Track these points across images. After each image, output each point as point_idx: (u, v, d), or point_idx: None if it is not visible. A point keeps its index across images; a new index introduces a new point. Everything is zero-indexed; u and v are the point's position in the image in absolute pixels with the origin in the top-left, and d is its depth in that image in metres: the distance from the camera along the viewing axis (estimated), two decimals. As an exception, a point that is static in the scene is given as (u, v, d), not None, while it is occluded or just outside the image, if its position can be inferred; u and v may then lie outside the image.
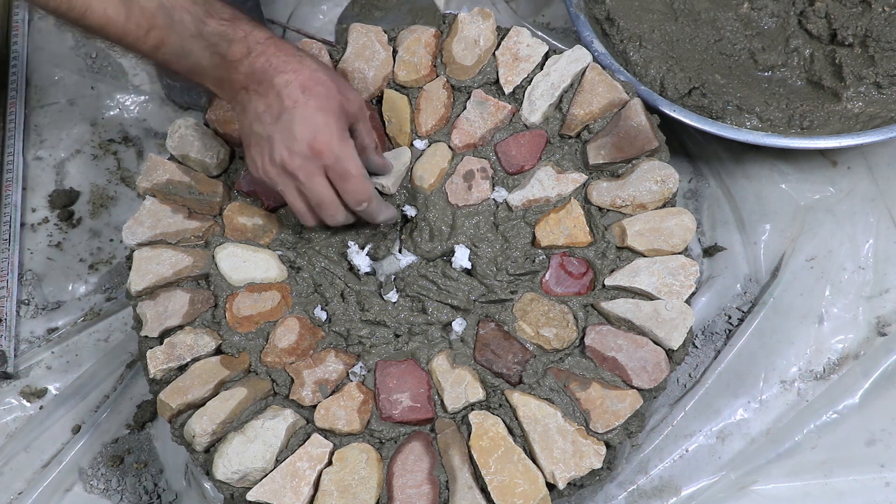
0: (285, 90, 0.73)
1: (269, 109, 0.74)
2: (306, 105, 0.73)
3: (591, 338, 0.76)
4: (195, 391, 0.76)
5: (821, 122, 0.89)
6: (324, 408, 0.75)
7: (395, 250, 0.85)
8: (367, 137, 0.79)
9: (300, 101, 0.73)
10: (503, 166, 0.85)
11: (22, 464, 0.90)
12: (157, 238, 0.83)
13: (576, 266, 0.80)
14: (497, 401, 0.75)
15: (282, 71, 0.73)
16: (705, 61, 0.95)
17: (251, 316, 0.80)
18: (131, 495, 0.87)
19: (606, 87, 0.85)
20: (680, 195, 0.97)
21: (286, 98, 0.73)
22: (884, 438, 0.83)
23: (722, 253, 0.93)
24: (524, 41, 0.88)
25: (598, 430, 0.73)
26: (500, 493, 0.70)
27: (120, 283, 0.99)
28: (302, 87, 0.73)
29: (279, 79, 0.73)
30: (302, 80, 0.73)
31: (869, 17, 0.92)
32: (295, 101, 0.73)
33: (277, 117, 0.74)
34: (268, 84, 0.73)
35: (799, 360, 0.87)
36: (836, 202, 0.93)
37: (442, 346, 0.78)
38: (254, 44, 0.74)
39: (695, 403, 0.85)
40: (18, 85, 1.10)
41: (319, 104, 0.73)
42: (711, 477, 0.83)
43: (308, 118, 0.73)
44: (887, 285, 0.89)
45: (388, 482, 0.72)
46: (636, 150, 0.82)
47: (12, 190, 1.03)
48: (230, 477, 0.72)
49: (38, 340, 0.96)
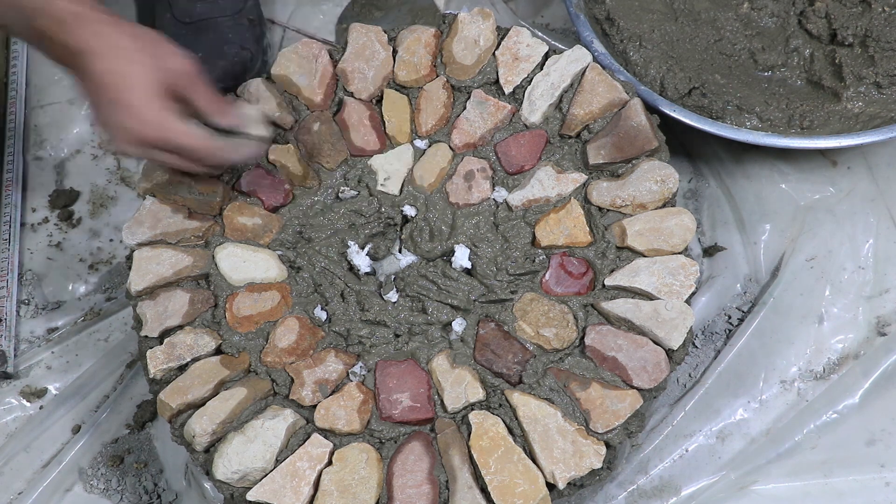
0: (94, 73, 0.71)
1: (92, 95, 0.73)
2: (115, 88, 0.71)
3: (591, 338, 0.76)
4: (195, 391, 0.76)
5: (821, 122, 0.89)
6: (324, 408, 0.75)
7: (395, 250, 0.85)
8: (203, 101, 0.76)
9: (109, 83, 0.71)
10: (503, 166, 0.85)
11: (22, 464, 0.90)
12: (157, 238, 0.83)
13: (576, 266, 0.80)
14: (497, 401, 0.75)
15: (87, 51, 0.71)
16: (705, 61, 0.95)
17: (251, 316, 0.80)
18: (131, 495, 0.87)
19: (606, 87, 0.85)
20: (680, 195, 0.97)
21: (98, 80, 0.71)
22: (884, 438, 0.83)
23: (722, 253, 0.93)
24: (524, 41, 0.88)
25: (598, 430, 0.73)
26: (500, 493, 0.70)
27: (120, 283, 0.99)
28: (107, 69, 0.71)
29: (86, 60, 0.71)
30: (106, 62, 0.71)
31: (869, 17, 0.92)
32: (105, 83, 0.71)
33: (98, 105, 0.73)
34: (79, 64, 0.72)
35: (799, 360, 0.87)
36: (836, 202, 0.93)
37: (442, 346, 0.78)
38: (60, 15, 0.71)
39: (695, 403, 0.85)
40: (18, 85, 1.10)
41: (128, 80, 0.71)
42: (711, 477, 0.83)
43: (120, 102, 0.71)
44: (887, 285, 0.89)
45: (388, 482, 0.72)
46: (636, 150, 0.82)
47: (12, 190, 1.03)
48: (230, 477, 0.72)
49: (38, 340, 0.96)
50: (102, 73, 0.71)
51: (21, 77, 1.11)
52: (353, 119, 0.89)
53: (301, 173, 0.87)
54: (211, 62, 0.98)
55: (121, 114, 0.72)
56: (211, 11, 1.01)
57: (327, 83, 0.90)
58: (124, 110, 0.72)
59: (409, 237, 0.85)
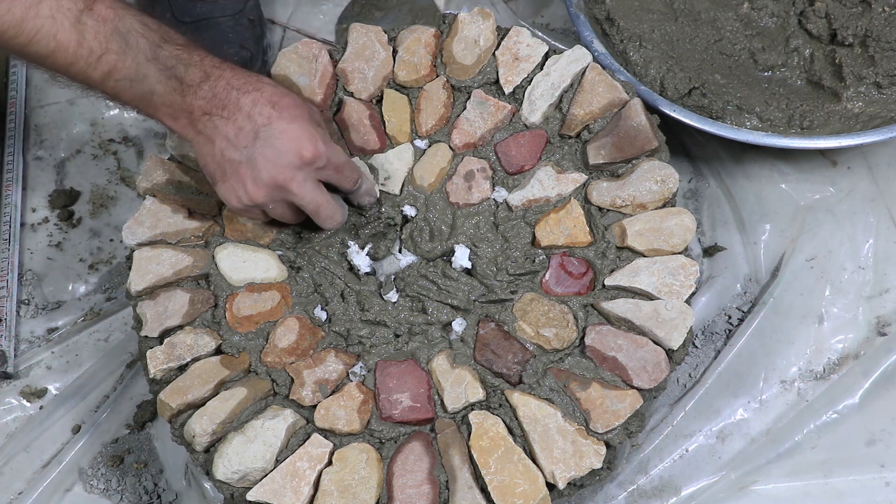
0: (255, 109, 0.72)
1: (241, 131, 0.72)
2: (280, 118, 0.72)
3: (591, 338, 0.76)
4: (195, 391, 0.76)
5: (821, 122, 0.89)
6: (324, 408, 0.75)
7: (395, 250, 0.85)
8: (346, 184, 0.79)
9: (273, 116, 0.72)
10: (503, 166, 0.85)
11: (22, 464, 0.90)
12: (157, 238, 0.83)
13: (576, 266, 0.80)
14: (497, 401, 0.75)
15: (246, 91, 0.72)
16: (705, 61, 0.95)
17: (251, 316, 0.80)
18: (131, 495, 0.87)
19: (606, 87, 0.85)
20: (680, 195, 0.97)
21: (258, 116, 0.72)
22: (884, 438, 0.83)
23: (722, 253, 0.93)
24: (524, 41, 0.88)
25: (598, 430, 0.73)
26: (500, 493, 0.70)
27: (120, 283, 0.99)
28: (270, 102, 0.72)
29: (245, 99, 0.72)
30: (268, 96, 0.72)
31: (869, 17, 0.92)
32: (268, 117, 0.72)
33: (254, 137, 0.72)
34: (234, 107, 0.72)
35: (799, 360, 0.87)
36: (836, 202, 0.93)
37: (442, 346, 0.78)
38: (210, 68, 0.72)
39: (695, 403, 0.85)
40: (18, 85, 1.10)
41: (292, 114, 0.73)
42: (711, 477, 0.83)
43: (287, 130, 0.72)
44: (887, 285, 0.89)
45: (388, 482, 0.72)
46: (636, 150, 0.82)
47: (12, 190, 1.03)
48: (230, 477, 0.72)
49: (38, 340, 0.96)
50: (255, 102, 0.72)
51: (21, 77, 1.11)
52: (353, 119, 0.89)
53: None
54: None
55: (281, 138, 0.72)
56: (211, 11, 1.01)
57: (327, 83, 0.90)
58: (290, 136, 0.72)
59: (409, 237, 0.85)
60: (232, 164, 0.73)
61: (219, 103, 0.72)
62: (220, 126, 0.72)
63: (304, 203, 0.75)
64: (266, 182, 0.73)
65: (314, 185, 0.75)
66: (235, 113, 0.72)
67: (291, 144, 0.72)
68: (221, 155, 0.73)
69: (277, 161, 0.72)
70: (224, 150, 0.73)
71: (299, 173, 0.73)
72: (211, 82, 0.72)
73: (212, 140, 0.73)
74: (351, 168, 0.78)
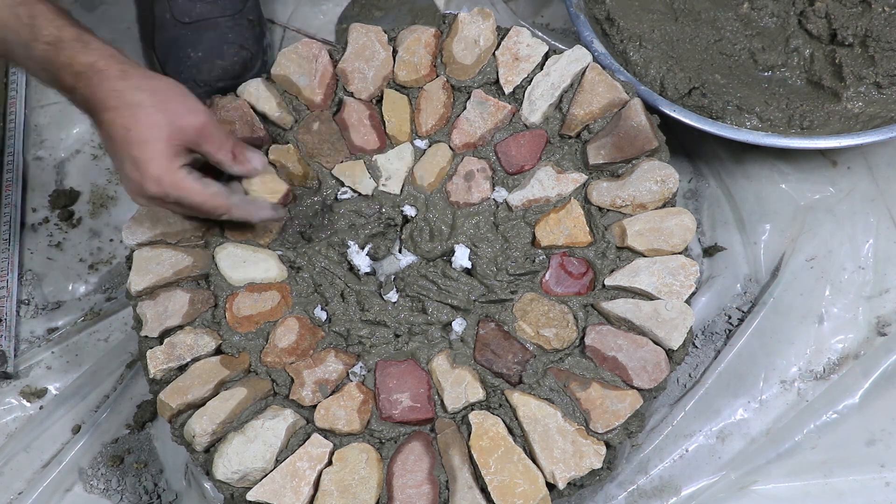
0: (111, 129, 0.73)
1: (107, 143, 0.74)
2: (129, 145, 0.72)
3: (591, 338, 0.76)
4: (195, 391, 0.76)
5: (821, 122, 0.89)
6: (324, 408, 0.75)
7: (395, 250, 0.85)
8: (220, 153, 0.78)
9: (124, 140, 0.72)
10: (503, 166, 0.85)
11: (22, 464, 0.90)
12: (157, 238, 0.83)
13: (576, 266, 0.80)
14: (497, 401, 0.75)
15: (105, 108, 0.72)
16: (705, 61, 0.95)
17: (251, 316, 0.80)
18: (131, 495, 0.87)
19: (606, 87, 0.85)
20: (680, 195, 0.97)
21: (114, 136, 0.73)
22: (884, 438, 0.83)
23: (722, 253, 0.93)
24: (524, 41, 0.88)
25: (598, 430, 0.73)
26: (500, 493, 0.70)
27: (120, 283, 0.99)
28: (123, 125, 0.72)
29: (104, 115, 0.73)
30: (122, 119, 0.72)
31: (869, 17, 0.92)
32: (121, 139, 0.73)
33: (113, 154, 0.74)
34: (98, 119, 0.73)
35: (799, 360, 0.87)
36: (836, 202, 0.93)
37: (442, 346, 0.78)
38: (80, 70, 0.72)
39: (695, 403, 0.85)
40: (18, 85, 1.10)
41: (142, 137, 0.72)
42: (711, 477, 0.83)
43: (134, 159, 0.73)
44: (887, 285, 0.89)
45: (388, 482, 0.72)
46: (636, 150, 0.82)
47: (12, 190, 1.03)
48: (230, 477, 0.72)
49: (38, 340, 0.96)
50: (118, 128, 0.72)
51: (21, 77, 1.11)
52: (353, 119, 0.89)
53: (301, 173, 0.87)
54: (211, 62, 0.98)
55: (134, 170, 0.73)
56: (211, 11, 1.01)
57: (327, 83, 0.90)
58: (137, 167, 0.73)
59: (409, 237, 0.85)
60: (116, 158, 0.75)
61: (90, 110, 0.74)
62: (98, 129, 0.75)
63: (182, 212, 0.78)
64: (134, 196, 0.76)
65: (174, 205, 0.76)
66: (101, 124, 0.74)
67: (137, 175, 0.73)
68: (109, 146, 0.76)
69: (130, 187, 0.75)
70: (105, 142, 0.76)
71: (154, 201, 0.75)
72: (81, 88, 0.73)
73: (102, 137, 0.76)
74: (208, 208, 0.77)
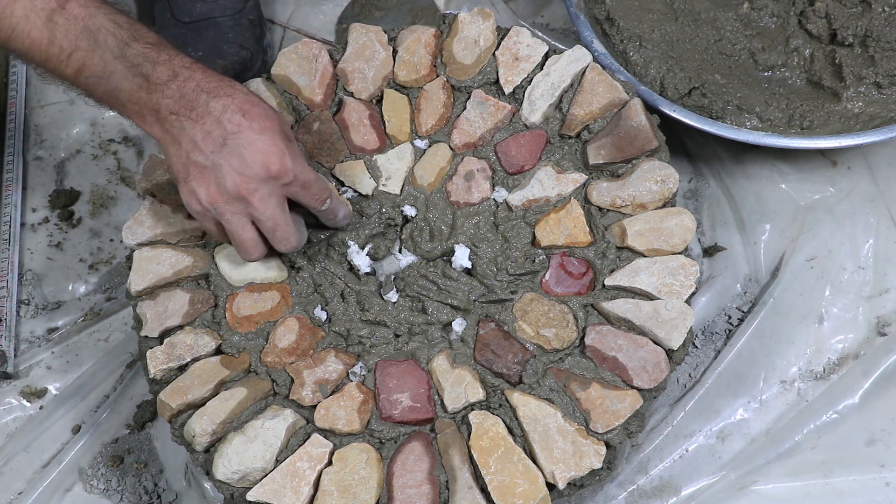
0: (224, 115, 0.70)
1: (209, 136, 0.70)
2: (250, 128, 0.70)
3: (591, 338, 0.76)
4: (195, 391, 0.76)
5: (821, 122, 0.89)
6: (324, 408, 0.75)
7: (395, 250, 0.85)
8: (311, 203, 0.77)
9: (243, 124, 0.70)
10: (503, 166, 0.85)
11: (22, 464, 0.90)
12: (157, 238, 0.83)
13: (576, 266, 0.80)
14: (497, 401, 0.75)
15: (216, 95, 0.71)
16: (705, 61, 0.95)
17: (251, 316, 0.80)
18: (131, 495, 0.87)
19: (606, 87, 0.85)
20: (680, 195, 0.97)
21: (227, 123, 0.70)
22: (884, 438, 0.83)
23: (722, 253, 0.93)
24: (524, 41, 0.88)
25: (598, 430, 0.73)
26: (500, 493, 0.70)
27: (120, 283, 0.99)
28: (241, 110, 0.71)
29: (215, 103, 0.70)
30: (239, 104, 0.71)
31: (869, 17, 0.92)
32: (238, 125, 0.70)
33: (222, 143, 0.70)
34: (202, 109, 0.70)
35: (799, 360, 0.87)
36: (836, 202, 0.93)
37: (442, 346, 0.79)
38: (179, 67, 0.71)
39: (695, 403, 0.85)
40: (18, 85, 1.10)
41: (262, 126, 0.71)
42: (711, 477, 0.83)
43: (256, 141, 0.70)
44: (887, 285, 0.89)
45: (388, 482, 0.72)
46: (636, 150, 0.82)
47: (12, 190, 1.03)
48: (230, 477, 0.72)
49: (38, 340, 0.96)
50: (225, 108, 0.70)
51: (21, 77, 1.11)
52: (353, 119, 0.89)
53: (301, 173, 0.87)
54: (211, 62, 0.98)
55: (249, 148, 0.70)
56: (211, 11, 1.01)
57: (327, 83, 0.90)
58: (253, 144, 0.70)
59: (409, 237, 0.85)
60: (197, 166, 0.72)
61: (187, 104, 0.71)
62: (188, 127, 0.71)
63: (263, 218, 0.73)
64: (229, 190, 0.71)
65: (277, 201, 0.73)
66: (204, 116, 0.70)
67: (259, 156, 0.70)
68: (187, 157, 0.72)
69: (243, 171, 0.71)
70: (190, 152, 0.71)
71: (263, 186, 0.71)
72: (179, 82, 0.71)
73: (178, 141, 0.72)
74: (319, 187, 0.75)
